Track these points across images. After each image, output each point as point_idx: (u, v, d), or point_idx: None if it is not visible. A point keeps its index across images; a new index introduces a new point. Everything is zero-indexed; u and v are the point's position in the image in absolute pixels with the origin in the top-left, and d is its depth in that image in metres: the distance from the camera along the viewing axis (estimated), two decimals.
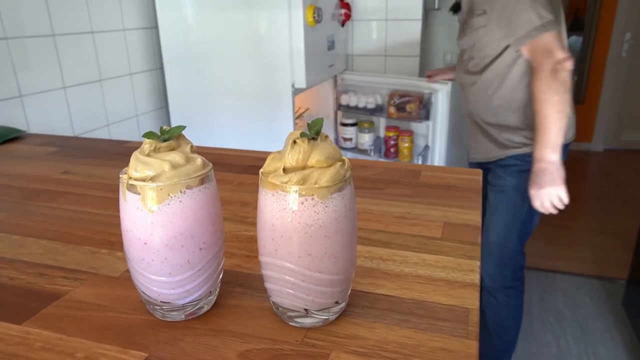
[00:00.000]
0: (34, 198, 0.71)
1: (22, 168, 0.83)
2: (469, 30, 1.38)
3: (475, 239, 0.56)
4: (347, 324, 0.42)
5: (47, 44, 1.47)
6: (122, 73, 1.77)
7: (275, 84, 1.72)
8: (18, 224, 0.62)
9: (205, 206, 0.40)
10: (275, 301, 0.41)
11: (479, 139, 1.48)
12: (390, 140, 1.97)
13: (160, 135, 0.39)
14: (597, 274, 2.71)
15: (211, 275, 0.42)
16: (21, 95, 1.40)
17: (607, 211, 3.46)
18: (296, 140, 0.38)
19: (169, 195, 0.38)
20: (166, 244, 0.38)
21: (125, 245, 0.40)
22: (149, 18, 1.85)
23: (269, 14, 1.64)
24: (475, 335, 0.40)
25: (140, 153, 0.39)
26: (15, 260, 0.53)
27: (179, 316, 0.42)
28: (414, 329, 0.41)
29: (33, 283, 0.49)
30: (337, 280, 0.39)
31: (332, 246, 0.38)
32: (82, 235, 0.59)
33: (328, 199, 0.37)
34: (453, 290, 0.46)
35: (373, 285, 0.47)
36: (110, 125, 1.72)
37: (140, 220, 0.38)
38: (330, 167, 0.37)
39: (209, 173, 0.40)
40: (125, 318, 0.43)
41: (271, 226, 0.38)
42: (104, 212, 0.65)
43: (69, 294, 0.47)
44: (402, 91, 1.90)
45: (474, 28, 1.35)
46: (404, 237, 0.57)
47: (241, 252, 0.54)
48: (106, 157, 0.88)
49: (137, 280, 0.41)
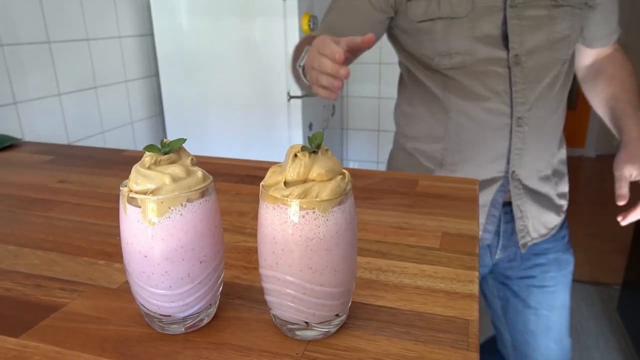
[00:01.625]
0: (29, 207, 0.70)
1: (17, 177, 0.83)
2: (553, 20, 0.89)
3: (473, 250, 0.56)
4: (348, 336, 0.42)
5: (42, 51, 1.46)
6: (117, 80, 1.76)
7: (271, 92, 1.72)
8: (13, 233, 0.62)
9: (205, 219, 0.39)
10: (275, 314, 0.41)
11: (530, 211, 1.00)
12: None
13: (160, 148, 0.39)
14: (592, 279, 2.72)
15: (211, 288, 0.42)
16: (16, 102, 1.39)
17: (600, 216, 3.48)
18: (297, 154, 0.38)
19: (170, 209, 0.38)
20: (167, 257, 0.38)
21: (125, 258, 0.40)
22: (144, 25, 1.85)
23: (265, 22, 1.65)
24: (476, 347, 0.40)
25: (141, 166, 0.38)
26: (11, 271, 0.53)
27: (178, 329, 0.42)
28: (415, 341, 0.41)
29: (29, 295, 0.48)
30: (337, 293, 0.39)
31: (332, 259, 0.38)
32: (79, 245, 0.58)
33: (329, 212, 0.37)
34: (452, 302, 0.46)
35: (373, 297, 0.47)
36: (105, 133, 1.72)
37: (141, 233, 0.38)
38: (331, 180, 0.37)
39: (209, 186, 0.40)
40: (124, 331, 0.43)
41: (272, 239, 0.38)
42: (101, 222, 0.65)
43: (66, 306, 0.46)
44: None
45: (575, 13, 0.90)
46: (403, 248, 0.57)
47: (240, 263, 0.54)
48: (102, 166, 0.88)
49: (137, 293, 0.41)
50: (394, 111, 1.14)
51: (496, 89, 0.91)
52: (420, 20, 0.90)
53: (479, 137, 0.95)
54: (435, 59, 0.92)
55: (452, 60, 0.91)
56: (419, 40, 0.94)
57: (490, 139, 0.95)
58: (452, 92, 0.94)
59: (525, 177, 0.98)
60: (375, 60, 2.20)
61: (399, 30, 0.97)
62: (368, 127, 2.33)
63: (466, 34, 0.88)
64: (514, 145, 0.94)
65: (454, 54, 0.90)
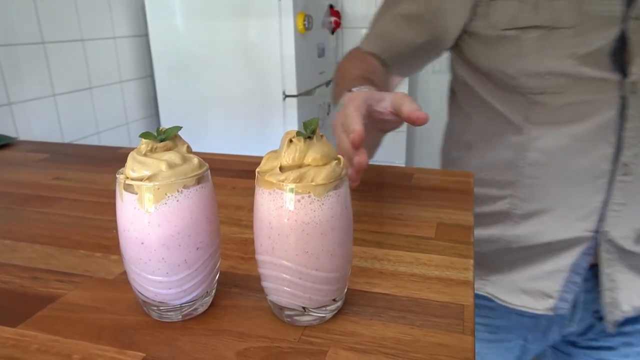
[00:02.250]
0: (26, 204, 0.70)
1: (13, 174, 0.83)
2: None
3: (468, 239, 0.56)
4: (345, 321, 0.42)
5: (37, 52, 1.46)
6: (112, 81, 1.76)
7: (266, 91, 1.72)
8: (10, 229, 0.62)
9: (202, 205, 0.40)
10: (272, 300, 0.42)
11: (623, 280, 0.78)
12: None
13: (157, 135, 0.39)
14: None
15: (208, 275, 0.42)
16: (10, 103, 1.39)
17: None
18: (292, 139, 0.38)
19: (166, 195, 0.38)
20: (163, 243, 0.38)
21: (122, 245, 0.40)
22: (139, 26, 1.85)
23: (260, 22, 1.65)
24: (471, 330, 0.40)
25: (137, 153, 0.39)
26: (8, 265, 0.53)
27: (175, 317, 0.42)
28: (410, 326, 0.41)
29: (27, 286, 0.48)
30: (333, 277, 0.40)
31: (328, 244, 0.38)
32: (75, 239, 0.58)
33: (324, 197, 0.37)
34: (447, 288, 0.47)
35: (369, 284, 0.48)
36: (100, 133, 1.72)
37: (138, 220, 0.38)
38: (326, 165, 0.38)
39: (205, 173, 0.40)
40: (122, 319, 0.43)
41: (268, 224, 0.38)
42: (98, 217, 0.65)
43: (63, 296, 0.46)
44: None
45: None
46: (398, 238, 0.57)
47: (236, 253, 0.54)
48: (98, 163, 0.88)
49: (134, 281, 0.41)
50: (443, 136, 0.93)
51: (599, 124, 0.70)
52: (505, 27, 0.71)
53: (565, 186, 0.74)
54: (519, 78, 0.72)
55: (543, 82, 0.71)
56: (498, 53, 0.73)
57: (580, 189, 0.73)
58: (535, 123, 0.73)
59: (621, 238, 0.75)
60: None
61: (468, 37, 0.77)
62: None
63: (568, 49, 0.68)
64: (613, 199, 0.73)
65: (547, 74, 0.70)
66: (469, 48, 0.78)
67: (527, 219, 0.77)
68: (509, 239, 0.81)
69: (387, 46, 0.79)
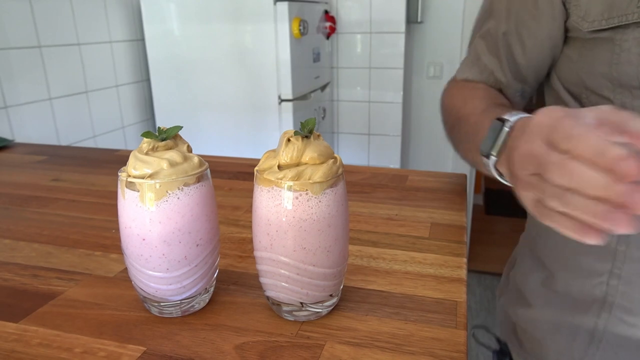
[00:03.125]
0: (24, 204, 0.71)
1: (11, 176, 0.83)
2: None
3: (461, 238, 0.58)
4: (341, 317, 0.43)
5: (33, 55, 1.47)
6: (108, 85, 1.77)
7: (262, 95, 1.74)
8: (9, 229, 0.62)
9: (201, 203, 0.41)
10: (270, 295, 0.43)
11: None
12: None
13: (158, 134, 0.40)
14: None
15: (207, 272, 0.43)
16: (6, 106, 1.40)
17: None
18: (290, 139, 0.39)
19: (167, 192, 0.39)
20: (164, 239, 0.39)
21: (123, 242, 0.41)
22: (135, 30, 1.86)
23: (255, 27, 1.67)
24: (464, 325, 0.41)
25: (138, 152, 0.40)
26: (8, 263, 0.53)
27: (175, 312, 0.43)
28: (405, 321, 0.42)
29: (27, 284, 0.49)
30: (330, 273, 0.41)
31: (325, 240, 0.39)
32: (74, 238, 0.59)
33: (321, 195, 0.38)
34: (441, 285, 0.48)
35: (364, 281, 0.49)
36: (96, 137, 1.72)
37: (139, 217, 0.39)
38: (323, 163, 0.39)
39: (205, 171, 0.41)
40: (122, 315, 0.44)
41: (266, 221, 0.39)
42: (96, 217, 0.66)
43: (64, 293, 0.47)
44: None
45: None
46: (393, 237, 0.58)
47: (234, 252, 0.55)
48: (96, 165, 0.88)
49: (135, 277, 0.42)
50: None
51: None
52: (597, 26, 0.53)
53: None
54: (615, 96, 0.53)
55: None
56: (591, 60, 0.55)
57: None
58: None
59: None
60: (365, 65, 2.23)
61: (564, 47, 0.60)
62: (358, 131, 2.35)
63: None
64: None
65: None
66: (560, 65, 0.62)
67: (631, 310, 0.59)
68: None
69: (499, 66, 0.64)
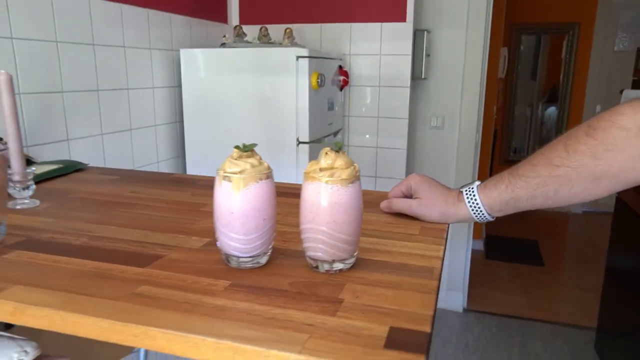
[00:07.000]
0: (113, 207, 0.93)
1: (94, 188, 1.07)
2: None
3: (442, 235, 0.79)
4: (356, 271, 0.65)
5: (92, 97, 1.74)
6: (148, 124, 2.04)
7: (282, 137, 1.99)
8: (110, 221, 0.85)
9: (268, 192, 0.63)
10: (310, 255, 0.65)
11: None
12: None
13: (243, 148, 0.64)
14: (572, 322, 2.91)
15: (269, 238, 0.65)
16: (68, 139, 1.65)
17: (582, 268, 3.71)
18: (327, 152, 0.63)
19: (249, 183, 0.62)
20: (245, 213, 0.62)
21: (217, 215, 0.64)
22: (174, 78, 2.15)
23: (279, 78, 1.94)
24: (437, 277, 0.63)
25: (231, 158, 0.63)
26: (121, 239, 0.76)
27: (249, 263, 0.65)
28: (398, 275, 0.64)
29: (140, 250, 0.71)
30: (351, 240, 0.63)
31: (348, 216, 0.62)
32: (162, 227, 0.81)
33: (346, 187, 0.61)
34: (424, 260, 0.69)
35: (371, 256, 0.70)
36: (135, 169, 1.97)
37: (230, 198, 0.62)
38: (348, 168, 0.62)
39: (271, 172, 0.64)
40: (211, 267, 0.65)
41: (311, 204, 0.62)
42: (172, 216, 0.88)
43: (167, 255, 0.69)
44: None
45: None
46: (392, 233, 0.80)
47: (278, 238, 0.77)
48: (159, 183, 1.12)
49: (222, 240, 0.64)
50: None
51: None
52: None
53: None
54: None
55: None
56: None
57: None
58: None
59: None
60: (374, 115, 2.50)
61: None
62: (367, 174, 2.59)
63: None
64: None
65: None
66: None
67: None
68: None
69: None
